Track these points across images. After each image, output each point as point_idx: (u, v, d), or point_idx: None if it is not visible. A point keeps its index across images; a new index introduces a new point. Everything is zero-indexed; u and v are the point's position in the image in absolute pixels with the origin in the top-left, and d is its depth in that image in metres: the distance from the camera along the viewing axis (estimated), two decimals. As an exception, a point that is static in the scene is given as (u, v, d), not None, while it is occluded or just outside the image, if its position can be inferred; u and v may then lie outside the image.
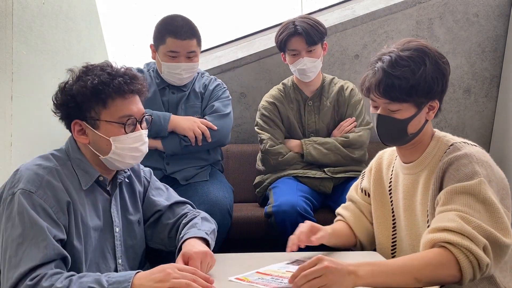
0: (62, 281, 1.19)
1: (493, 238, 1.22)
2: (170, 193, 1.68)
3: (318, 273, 1.12)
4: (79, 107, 1.38)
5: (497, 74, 3.07)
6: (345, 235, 1.63)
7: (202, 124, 2.22)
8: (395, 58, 1.37)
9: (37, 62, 2.17)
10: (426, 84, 1.36)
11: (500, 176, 1.36)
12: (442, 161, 1.37)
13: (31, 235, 1.24)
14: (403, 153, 1.51)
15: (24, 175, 1.31)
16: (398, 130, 1.41)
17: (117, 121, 1.39)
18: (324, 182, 2.34)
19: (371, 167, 1.67)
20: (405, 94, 1.35)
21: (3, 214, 1.29)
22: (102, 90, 1.36)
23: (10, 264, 1.22)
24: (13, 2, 1.95)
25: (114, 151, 1.40)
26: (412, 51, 1.37)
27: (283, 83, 2.60)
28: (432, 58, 1.38)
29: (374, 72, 1.39)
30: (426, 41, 1.45)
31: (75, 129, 1.41)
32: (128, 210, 1.54)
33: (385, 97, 1.37)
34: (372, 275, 1.18)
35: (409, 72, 1.34)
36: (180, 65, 2.23)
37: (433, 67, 1.37)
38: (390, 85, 1.35)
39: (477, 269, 1.21)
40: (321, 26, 2.40)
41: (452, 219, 1.24)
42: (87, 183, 1.41)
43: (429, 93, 1.38)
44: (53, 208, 1.30)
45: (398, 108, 1.38)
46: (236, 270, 1.39)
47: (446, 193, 1.31)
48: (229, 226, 2.19)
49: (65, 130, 1.47)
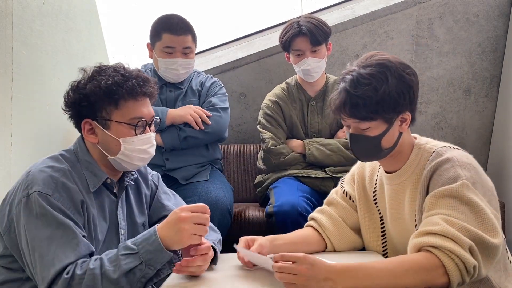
0: (93, 263, 1.24)
1: (479, 239, 1.20)
2: (177, 200, 1.70)
3: (292, 271, 1.15)
4: (91, 106, 1.40)
5: (497, 74, 3.07)
6: (305, 243, 1.55)
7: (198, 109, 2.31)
8: (356, 77, 1.35)
9: (37, 62, 2.16)
10: (391, 99, 1.33)
11: (485, 178, 1.35)
12: (426, 169, 1.36)
13: (60, 234, 1.26)
14: (384, 164, 1.50)
15: (38, 177, 1.31)
16: (372, 147, 1.39)
17: (128, 122, 1.41)
18: (325, 182, 2.34)
19: (353, 174, 1.65)
20: (371, 112, 1.33)
21: (21, 215, 1.30)
22: (116, 91, 1.38)
23: (43, 263, 1.24)
24: (13, 2, 1.95)
25: (123, 152, 1.41)
26: (373, 67, 1.35)
27: (287, 82, 2.60)
28: (394, 72, 1.35)
29: (338, 93, 1.38)
30: (388, 53, 1.42)
31: (85, 128, 1.42)
32: (134, 213, 1.55)
33: (352, 117, 1.36)
34: (352, 282, 1.17)
35: (372, 90, 1.32)
36: (177, 60, 2.30)
37: (397, 81, 1.34)
38: (354, 105, 1.33)
39: (464, 271, 1.18)
40: (326, 26, 2.40)
41: (436, 222, 1.23)
42: (95, 185, 1.42)
43: (396, 108, 1.35)
44: (70, 209, 1.31)
45: (367, 126, 1.37)
46: (236, 270, 1.39)
47: (431, 198, 1.31)
48: (229, 226, 2.19)
49: (65, 130, 1.47)
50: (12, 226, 1.34)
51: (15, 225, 1.32)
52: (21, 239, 1.30)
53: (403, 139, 1.43)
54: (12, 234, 1.34)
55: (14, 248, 1.35)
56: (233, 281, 1.32)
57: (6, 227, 1.35)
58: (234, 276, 1.36)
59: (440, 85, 3.08)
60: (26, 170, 1.38)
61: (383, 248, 1.54)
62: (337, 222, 1.60)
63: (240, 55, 3.10)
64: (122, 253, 1.26)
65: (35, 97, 2.14)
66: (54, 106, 2.30)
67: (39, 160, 1.42)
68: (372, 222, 1.57)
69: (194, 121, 2.26)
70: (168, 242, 1.28)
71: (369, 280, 1.18)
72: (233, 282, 1.31)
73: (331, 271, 1.17)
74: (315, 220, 1.63)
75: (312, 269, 1.15)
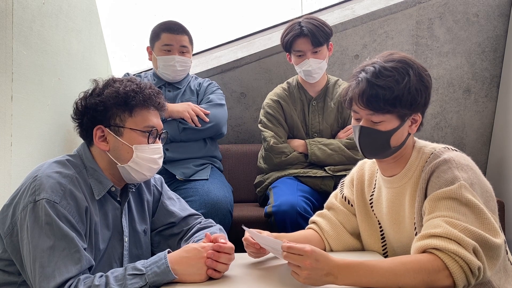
0: (98, 279, 1.24)
1: (482, 240, 1.20)
2: (182, 204, 1.70)
3: (297, 263, 1.17)
4: (106, 112, 1.41)
5: (497, 74, 3.07)
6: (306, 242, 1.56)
7: (196, 107, 2.40)
8: (379, 68, 1.35)
9: (37, 62, 2.16)
10: (410, 95, 1.34)
11: (483, 179, 1.35)
12: (424, 171, 1.36)
13: (63, 246, 1.26)
14: (384, 167, 1.49)
15: (45, 183, 1.31)
16: (381, 143, 1.39)
17: (142, 129, 1.43)
18: (325, 180, 2.34)
19: (353, 178, 1.64)
20: (389, 104, 1.33)
21: (26, 220, 1.29)
22: (133, 97, 1.41)
23: (43, 274, 1.23)
24: (13, 2, 1.95)
25: (134, 160, 1.43)
26: (396, 62, 1.36)
27: (288, 82, 2.60)
28: (415, 70, 1.36)
29: (357, 82, 1.37)
30: (409, 54, 1.44)
31: (97, 135, 1.42)
32: (135, 220, 1.55)
33: (369, 107, 1.35)
34: (353, 278, 1.18)
35: (393, 82, 1.33)
36: (174, 57, 2.43)
37: (417, 79, 1.36)
38: (374, 95, 1.33)
39: (469, 273, 1.17)
40: (327, 27, 2.40)
41: (438, 225, 1.23)
42: (99, 193, 1.42)
43: (413, 105, 1.36)
44: (75, 218, 1.31)
45: (381, 120, 1.36)
46: (236, 270, 1.39)
47: (430, 201, 1.30)
48: (230, 226, 2.19)
49: (65, 130, 1.47)
50: (15, 229, 1.33)
51: (19, 229, 1.32)
52: (23, 245, 1.29)
53: (409, 142, 1.43)
54: (14, 238, 1.33)
55: (14, 252, 1.34)
56: (234, 281, 1.32)
57: (9, 229, 1.34)
58: (235, 276, 1.35)
59: (440, 85, 3.08)
60: (32, 173, 1.37)
61: (384, 252, 1.54)
62: (336, 226, 1.60)
63: (240, 55, 3.10)
64: (129, 273, 1.26)
65: (35, 97, 2.14)
66: (54, 106, 2.30)
67: (45, 163, 1.40)
68: (371, 226, 1.56)
69: (190, 119, 2.34)
70: (183, 278, 1.30)
71: (370, 277, 1.18)
72: (235, 282, 1.31)
73: (333, 267, 1.18)
74: (315, 223, 1.64)
75: (315, 264, 1.16)
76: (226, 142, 3.05)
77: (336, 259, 1.20)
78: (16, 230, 1.32)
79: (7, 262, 1.37)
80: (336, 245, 1.59)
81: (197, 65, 3.18)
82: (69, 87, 2.44)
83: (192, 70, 2.91)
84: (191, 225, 1.62)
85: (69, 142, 2.42)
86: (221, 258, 1.31)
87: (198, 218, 1.66)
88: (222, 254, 1.32)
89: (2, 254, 1.37)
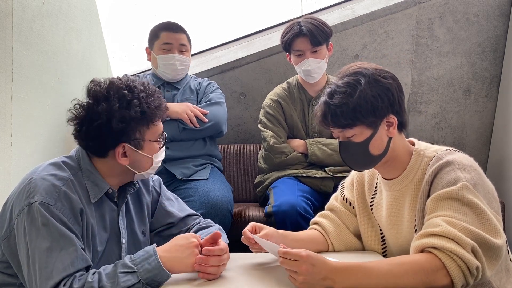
0: (91, 276, 1.25)
1: (481, 240, 1.20)
2: (180, 204, 1.70)
3: (294, 269, 1.19)
4: (127, 129, 1.39)
5: (497, 74, 3.07)
6: (314, 242, 1.58)
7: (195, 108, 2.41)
8: (334, 88, 1.40)
9: (37, 62, 2.16)
10: (367, 103, 1.35)
11: (486, 180, 1.34)
12: (427, 174, 1.36)
13: (60, 246, 1.26)
14: (382, 171, 1.50)
15: (40, 186, 1.31)
16: (361, 154, 1.40)
17: (157, 139, 1.47)
18: (325, 181, 2.34)
19: (353, 180, 1.64)
20: (350, 118, 1.36)
21: (22, 223, 1.29)
22: (156, 114, 1.44)
23: (42, 275, 1.24)
24: (13, 2, 1.95)
25: (153, 167, 1.48)
26: (348, 77, 1.39)
27: (288, 82, 2.60)
28: (368, 77, 1.37)
29: (319, 107, 1.43)
30: (368, 62, 1.45)
31: (119, 152, 1.41)
32: (133, 221, 1.55)
33: (335, 126, 1.40)
34: (351, 281, 1.18)
35: (347, 97, 1.35)
36: (174, 55, 2.44)
37: (372, 85, 1.36)
38: (333, 115, 1.37)
39: (467, 273, 1.17)
40: (326, 26, 2.40)
41: (437, 224, 1.23)
42: (95, 196, 1.41)
43: (375, 111, 1.36)
44: (70, 220, 1.31)
45: (352, 134, 1.39)
46: (236, 270, 1.39)
47: (432, 201, 1.30)
48: (230, 226, 2.19)
49: (65, 130, 1.47)
50: (12, 233, 1.33)
51: (16, 233, 1.32)
52: (21, 248, 1.30)
53: (395, 144, 1.43)
54: (12, 242, 1.34)
55: (12, 255, 1.34)
56: (235, 281, 1.32)
57: (6, 233, 1.35)
58: (236, 276, 1.35)
59: (440, 85, 3.08)
60: (28, 176, 1.37)
61: (383, 253, 1.54)
62: (339, 226, 1.61)
63: (240, 55, 3.10)
64: (120, 271, 1.26)
65: (35, 97, 2.14)
66: (54, 106, 2.30)
67: (41, 165, 1.40)
68: (371, 228, 1.57)
69: (189, 120, 2.34)
70: (173, 264, 1.31)
71: (368, 280, 1.18)
72: (236, 282, 1.31)
73: (330, 271, 1.18)
74: (318, 224, 1.64)
75: (311, 269, 1.17)
76: (226, 142, 3.05)
77: (333, 263, 1.20)
78: (14, 234, 1.33)
79: (6, 264, 1.37)
80: (339, 245, 1.59)
81: (197, 65, 3.18)
82: (69, 87, 2.44)
83: (191, 70, 2.91)
84: (190, 226, 1.62)
85: (69, 142, 2.42)
86: (210, 262, 1.32)
87: (197, 218, 1.66)
88: (211, 258, 1.32)
89: (0, 258, 1.38)
